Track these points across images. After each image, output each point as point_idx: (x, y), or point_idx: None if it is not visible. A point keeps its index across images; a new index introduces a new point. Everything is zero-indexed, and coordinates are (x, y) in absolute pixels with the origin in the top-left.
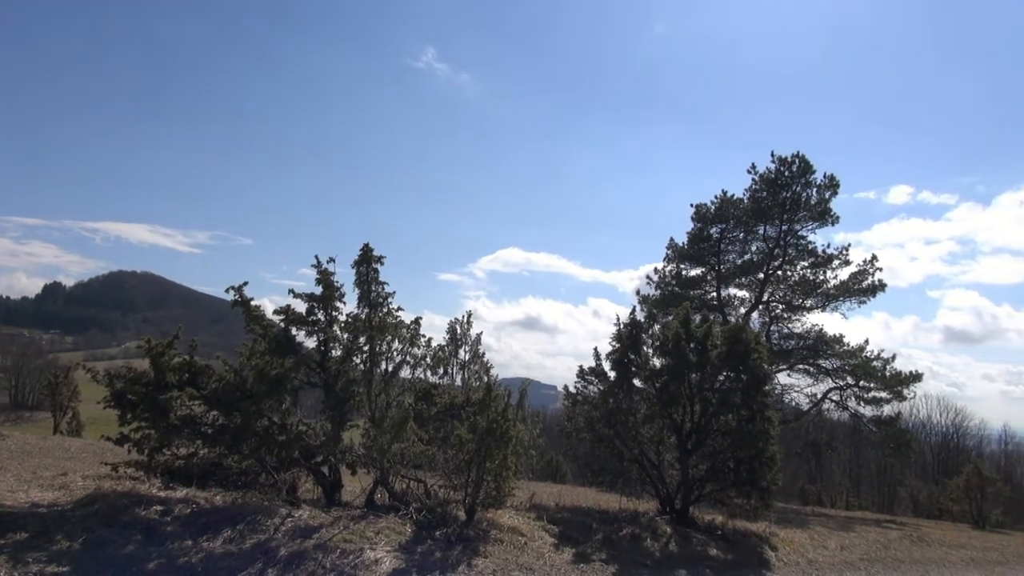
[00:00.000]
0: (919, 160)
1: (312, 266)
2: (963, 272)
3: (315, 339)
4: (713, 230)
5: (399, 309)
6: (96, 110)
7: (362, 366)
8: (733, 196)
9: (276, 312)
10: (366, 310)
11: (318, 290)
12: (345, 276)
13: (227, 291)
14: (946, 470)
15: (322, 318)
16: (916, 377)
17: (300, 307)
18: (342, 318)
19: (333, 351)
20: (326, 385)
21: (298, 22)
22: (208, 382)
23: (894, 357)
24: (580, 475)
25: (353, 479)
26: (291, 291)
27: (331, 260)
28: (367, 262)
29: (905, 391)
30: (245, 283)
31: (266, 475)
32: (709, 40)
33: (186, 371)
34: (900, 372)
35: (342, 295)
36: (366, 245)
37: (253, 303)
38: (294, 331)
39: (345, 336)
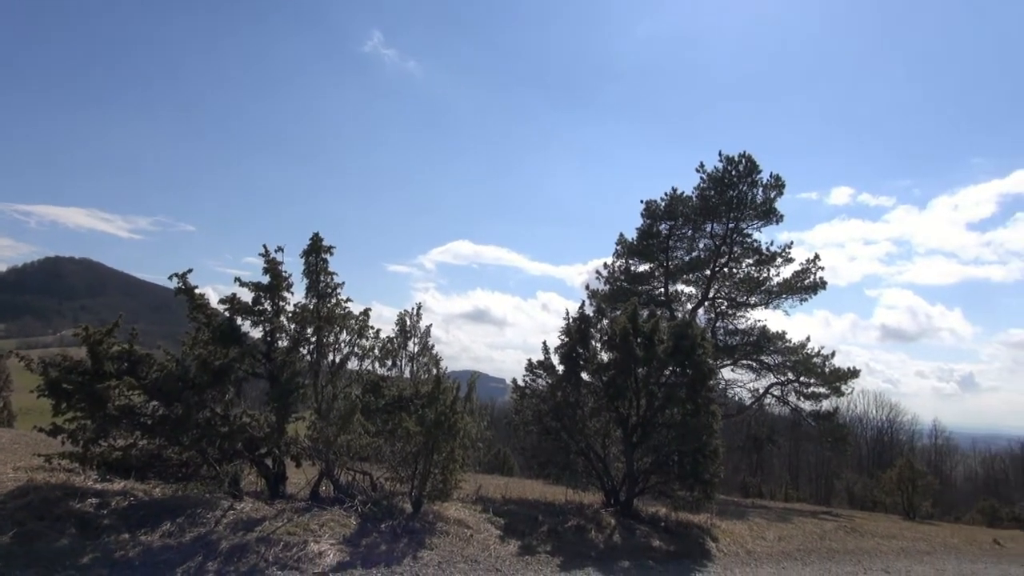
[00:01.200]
0: (860, 163)
1: (259, 255)
2: (899, 272)
3: (261, 329)
4: (662, 227)
5: (348, 300)
6: (35, 93)
7: (309, 357)
8: (682, 194)
9: (221, 301)
10: (314, 300)
11: (265, 279)
12: (293, 265)
13: (170, 278)
14: (880, 463)
15: (269, 308)
16: (853, 374)
17: (246, 296)
18: (289, 308)
19: (279, 342)
20: (271, 376)
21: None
22: (148, 371)
23: (833, 354)
24: (527, 468)
25: (298, 471)
26: (237, 279)
27: (279, 249)
28: (316, 252)
29: (843, 387)
30: (189, 270)
31: (208, 467)
32: (662, 41)
33: (125, 360)
34: (839, 369)
35: (290, 285)
36: (316, 234)
37: (197, 291)
38: (239, 321)
39: (292, 326)
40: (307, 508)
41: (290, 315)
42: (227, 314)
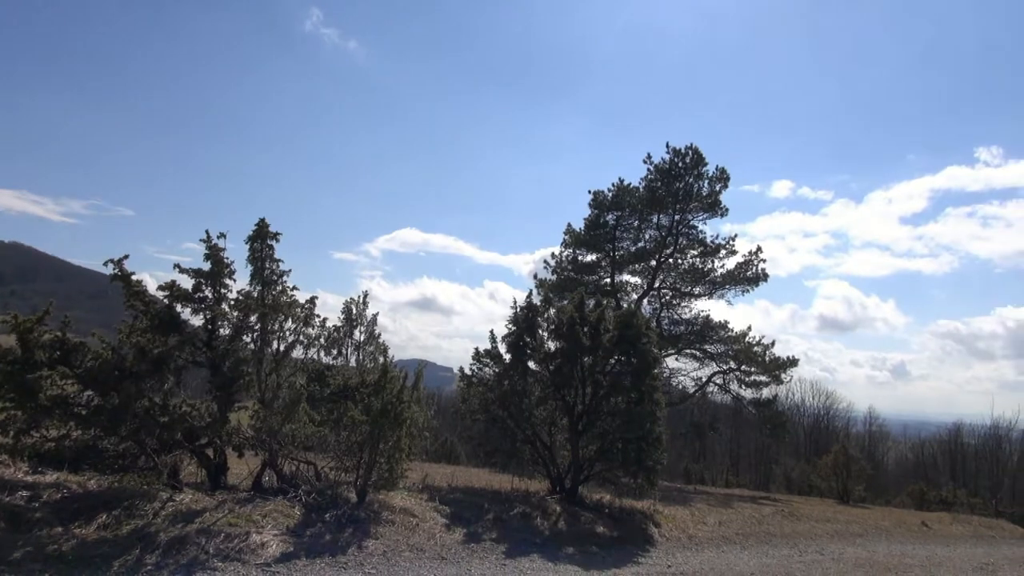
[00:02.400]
0: (800, 158)
1: (201, 241)
2: (837, 264)
3: (202, 317)
4: (609, 217)
5: (294, 288)
6: None
7: (253, 345)
8: (630, 185)
9: (160, 288)
10: (259, 288)
11: (206, 266)
12: (237, 252)
13: (105, 264)
14: (817, 450)
15: (210, 295)
16: (792, 362)
17: (186, 283)
18: (232, 296)
19: (221, 330)
20: (213, 365)
21: None
22: (83, 360)
23: (773, 343)
24: (474, 456)
25: (240, 462)
26: (177, 266)
27: (222, 235)
28: (262, 238)
29: (782, 375)
30: (125, 256)
31: (146, 458)
32: (615, 33)
33: (58, 348)
34: (778, 357)
35: (232, 272)
36: (261, 220)
37: (134, 278)
38: (179, 308)
39: (235, 314)
40: (249, 499)
41: (233, 303)
42: (166, 301)
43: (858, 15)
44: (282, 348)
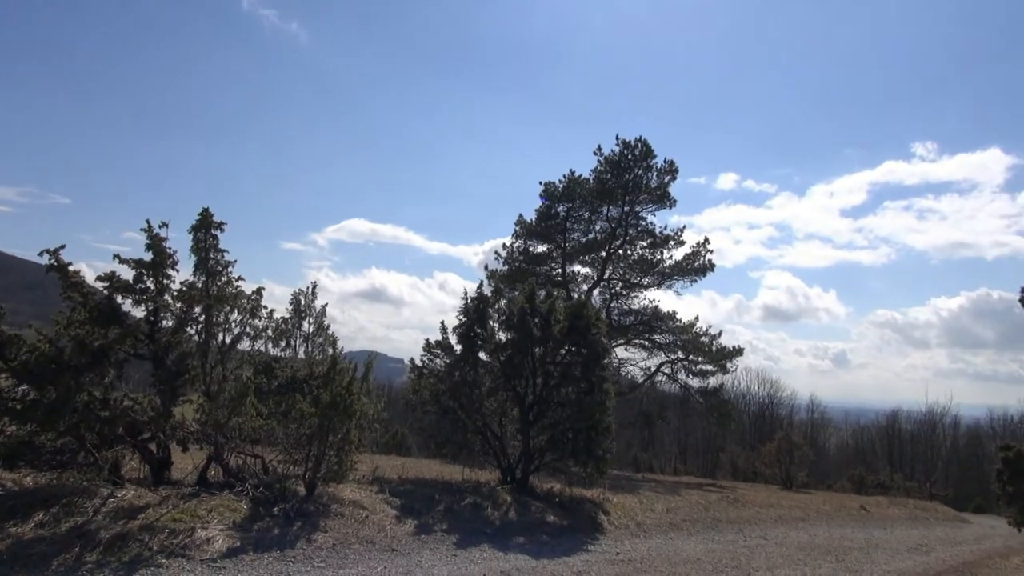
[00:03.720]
0: (745, 151)
1: (142, 230)
2: (780, 255)
3: (144, 308)
4: (560, 209)
5: (240, 279)
6: None
7: (197, 337)
8: (580, 176)
9: (99, 279)
10: (203, 279)
11: (148, 256)
12: (180, 242)
13: (41, 255)
14: (761, 437)
15: (152, 286)
16: (738, 352)
17: (127, 274)
18: (175, 286)
19: (164, 321)
20: (156, 357)
21: None
22: (17, 353)
23: (720, 333)
24: (425, 447)
25: (185, 456)
26: (116, 256)
27: (163, 224)
28: (206, 228)
29: (728, 364)
30: (62, 246)
31: (85, 454)
32: (565, 22)
33: None
34: (725, 347)
35: (175, 262)
36: (205, 210)
37: (72, 268)
38: (120, 299)
39: (178, 306)
40: (194, 494)
41: (176, 294)
42: (106, 292)
43: (800, 12)
44: (228, 340)
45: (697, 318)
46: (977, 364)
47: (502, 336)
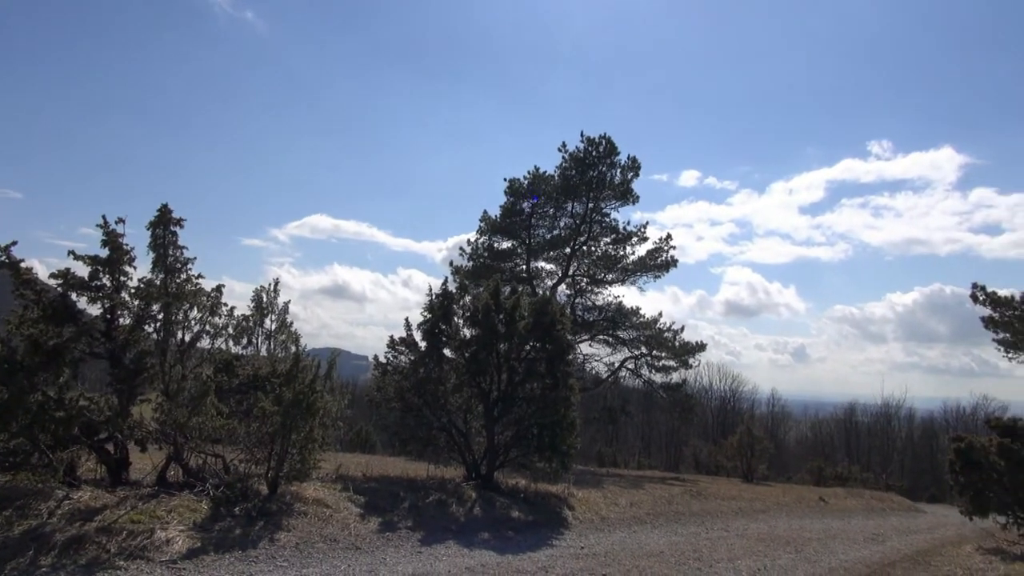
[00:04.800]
0: (706, 149)
1: (97, 226)
2: (741, 252)
3: (100, 306)
4: (525, 205)
5: (199, 276)
6: None
7: (156, 336)
8: (545, 172)
9: (53, 276)
10: (161, 276)
11: (104, 252)
12: (138, 238)
13: None
14: (724, 431)
15: (108, 283)
16: (700, 347)
17: (82, 271)
18: (132, 284)
19: (121, 319)
20: (113, 356)
21: None
22: None
23: (683, 329)
24: (389, 445)
25: (143, 456)
26: (71, 252)
27: (120, 220)
28: (164, 224)
29: (691, 360)
30: (13, 243)
31: (40, 455)
32: (533, 20)
33: None
34: (687, 342)
35: (132, 259)
36: (164, 206)
37: (24, 265)
38: (75, 297)
39: (136, 303)
40: (154, 494)
41: (133, 291)
42: (60, 290)
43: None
44: (187, 338)
45: (660, 314)
46: (931, 358)
47: (467, 332)
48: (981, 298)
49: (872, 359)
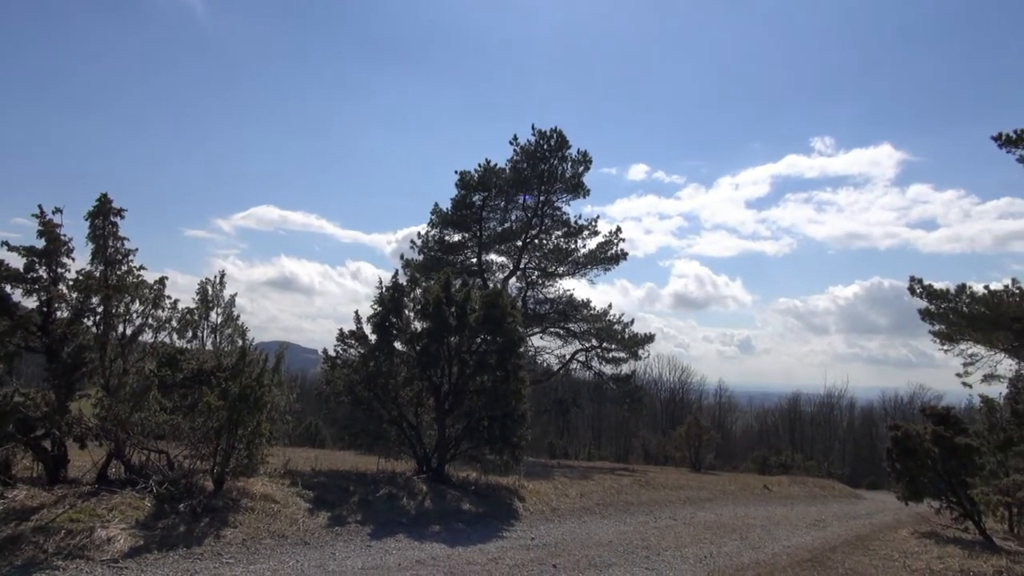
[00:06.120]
0: (655, 143)
1: (33, 216)
2: (689, 245)
3: (36, 299)
4: (476, 198)
5: (141, 267)
6: None
7: (95, 329)
8: (496, 165)
9: None
10: (101, 268)
11: (40, 243)
12: (76, 229)
13: None
14: (673, 422)
15: (45, 275)
16: (649, 339)
17: (17, 262)
18: (71, 276)
19: (59, 312)
20: (50, 350)
21: None
22: None
23: (632, 321)
24: (339, 439)
25: (83, 453)
26: (5, 243)
27: (57, 210)
28: (104, 215)
29: (640, 352)
30: None
31: None
32: (481, 8)
33: None
34: (637, 334)
35: (70, 250)
36: (104, 195)
37: None
38: (9, 289)
39: (74, 296)
40: (94, 492)
41: (72, 283)
42: None
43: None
44: (129, 332)
45: (610, 306)
46: (871, 349)
47: (418, 325)
48: (918, 291)
49: (815, 350)
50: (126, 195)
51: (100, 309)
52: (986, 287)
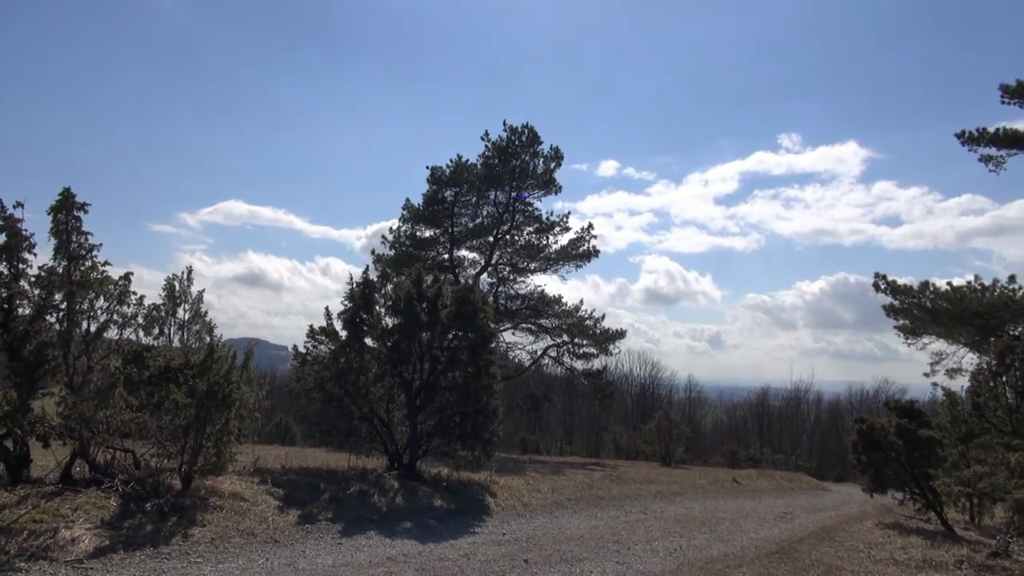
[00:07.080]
0: (625, 139)
1: None
2: (659, 241)
3: None
4: (447, 193)
5: (106, 263)
6: None
7: (59, 326)
8: (467, 161)
9: None
10: (64, 263)
11: (1, 238)
12: (38, 224)
13: None
14: (643, 416)
15: (5, 271)
16: (620, 334)
17: None
18: (32, 272)
19: (20, 309)
20: (11, 348)
21: None
22: None
23: (603, 316)
24: (310, 436)
25: (46, 452)
26: None
27: (18, 204)
28: (67, 209)
29: (611, 347)
30: None
31: None
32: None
33: None
34: (608, 330)
35: (32, 245)
36: (67, 190)
37: None
38: None
39: (36, 292)
40: (58, 492)
41: (33, 279)
42: None
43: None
44: (93, 329)
45: (582, 302)
46: (837, 343)
47: (389, 321)
48: (883, 287)
49: (783, 345)
50: (90, 189)
51: (63, 306)
52: (949, 283)
